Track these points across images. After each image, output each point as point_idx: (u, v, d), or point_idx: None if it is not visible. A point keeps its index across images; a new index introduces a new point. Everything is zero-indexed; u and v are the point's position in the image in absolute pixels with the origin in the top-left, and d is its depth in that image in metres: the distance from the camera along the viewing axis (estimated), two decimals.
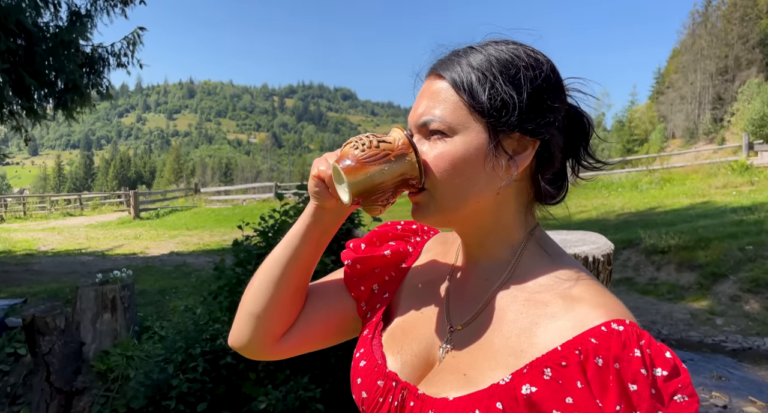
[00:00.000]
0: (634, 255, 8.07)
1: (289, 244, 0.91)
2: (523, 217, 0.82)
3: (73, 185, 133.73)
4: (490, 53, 0.77)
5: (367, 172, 0.75)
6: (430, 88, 0.79)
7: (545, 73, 0.76)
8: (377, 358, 0.84)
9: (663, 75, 66.59)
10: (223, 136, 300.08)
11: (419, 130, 0.80)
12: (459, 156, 0.75)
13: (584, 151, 0.84)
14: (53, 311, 4.38)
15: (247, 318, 0.93)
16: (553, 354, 0.66)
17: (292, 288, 0.92)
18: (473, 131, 0.75)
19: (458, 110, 0.75)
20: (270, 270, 0.92)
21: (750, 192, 11.45)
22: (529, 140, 0.76)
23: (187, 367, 3.88)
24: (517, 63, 0.76)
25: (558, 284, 0.75)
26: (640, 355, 0.63)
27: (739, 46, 50.07)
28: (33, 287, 7.35)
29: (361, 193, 0.76)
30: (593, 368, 0.63)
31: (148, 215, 20.01)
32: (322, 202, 0.85)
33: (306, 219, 0.89)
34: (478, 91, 0.74)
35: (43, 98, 8.60)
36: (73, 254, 11.56)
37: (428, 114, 0.77)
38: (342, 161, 0.77)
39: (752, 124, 32.93)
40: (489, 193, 0.77)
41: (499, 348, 0.72)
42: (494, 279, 0.80)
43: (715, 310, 6.25)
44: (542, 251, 0.81)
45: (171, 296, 6.73)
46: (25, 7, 7.35)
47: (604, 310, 0.68)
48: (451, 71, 0.77)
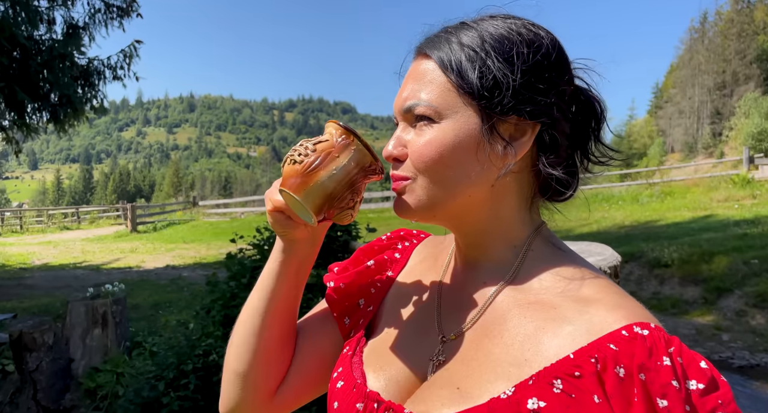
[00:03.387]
0: (637, 269, 7.95)
1: (264, 287, 0.81)
2: (526, 214, 0.71)
3: (72, 199, 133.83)
4: (484, 29, 0.68)
5: (317, 181, 0.66)
6: (416, 69, 0.70)
7: (545, 49, 0.67)
8: (356, 377, 0.73)
9: (661, 90, 66.98)
10: (222, 149, 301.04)
11: (404, 116, 0.70)
12: (448, 143, 0.66)
13: (594, 140, 0.73)
14: (41, 326, 4.27)
15: (234, 379, 0.82)
16: (563, 363, 0.56)
17: (277, 336, 0.81)
18: (463, 115, 0.66)
19: (446, 92, 0.66)
20: (249, 321, 0.82)
21: (752, 206, 11.40)
22: (527, 124, 0.66)
23: (178, 384, 3.77)
24: (513, 38, 0.66)
25: (567, 285, 0.64)
26: (670, 364, 0.53)
27: (736, 62, 50.40)
28: (24, 301, 7.23)
29: (321, 206, 0.68)
30: (613, 379, 0.53)
31: (146, 228, 19.91)
32: (290, 234, 0.76)
33: (278, 257, 0.79)
34: (468, 70, 0.65)
35: (36, 112, 8.55)
36: (68, 268, 11.44)
37: (413, 98, 0.68)
38: (287, 182, 0.68)
39: (751, 138, 32.99)
40: (483, 185, 0.67)
41: (499, 357, 0.62)
42: (494, 282, 0.69)
43: (720, 325, 6.13)
44: (550, 251, 0.70)
45: (164, 311, 6.61)
46: (20, 21, 7.32)
47: (624, 312, 0.58)
48: (439, 50, 0.68)
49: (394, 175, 0.71)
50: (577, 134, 0.72)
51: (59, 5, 8.57)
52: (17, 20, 7.28)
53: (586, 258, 1.69)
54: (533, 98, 0.65)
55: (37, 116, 8.77)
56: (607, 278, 0.67)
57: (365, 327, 0.82)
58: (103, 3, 8.97)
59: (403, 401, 0.68)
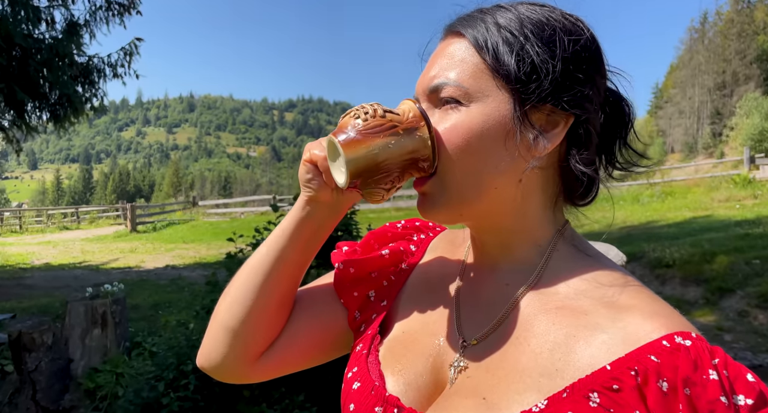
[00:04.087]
0: (638, 269, 7.93)
1: (274, 244, 0.75)
2: (551, 212, 0.68)
3: (71, 199, 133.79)
4: (522, 12, 0.64)
5: (370, 146, 0.62)
6: (446, 48, 0.66)
7: (584, 40, 0.63)
8: (374, 378, 0.68)
9: (661, 90, 66.99)
10: (222, 149, 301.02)
11: (429, 97, 0.66)
12: (476, 129, 0.62)
13: (622, 144, 0.70)
14: (41, 326, 4.24)
15: (222, 333, 0.77)
16: (600, 375, 0.53)
17: (277, 298, 0.76)
18: (495, 100, 0.62)
19: (478, 73, 0.62)
20: (251, 276, 0.76)
21: (753, 206, 11.38)
22: (561, 115, 0.63)
23: (178, 385, 3.75)
24: (553, 24, 0.63)
25: (598, 290, 0.61)
26: (717, 378, 0.49)
27: (736, 62, 50.39)
28: (23, 301, 7.21)
29: (360, 172, 0.62)
30: (656, 393, 0.50)
31: (145, 228, 19.90)
32: (315, 193, 0.70)
33: (296, 214, 0.74)
34: (505, 52, 0.61)
35: (36, 111, 8.53)
36: (67, 268, 11.42)
37: (441, 77, 0.64)
38: (339, 133, 0.63)
39: (752, 138, 32.98)
40: (510, 178, 0.63)
41: (527, 366, 0.58)
42: (517, 284, 0.66)
43: (723, 326, 6.11)
44: (576, 252, 0.66)
45: (164, 311, 6.59)
46: (20, 19, 7.29)
47: (663, 320, 0.55)
48: (473, 29, 0.64)
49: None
50: (603, 136, 0.69)
51: (59, 4, 8.55)
52: (16, 19, 7.26)
53: None
54: (571, 88, 0.62)
55: (37, 115, 8.77)
56: (639, 281, 0.63)
57: (379, 323, 0.77)
58: (104, 0, 8.95)
59: (423, 409, 0.64)
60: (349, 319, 0.80)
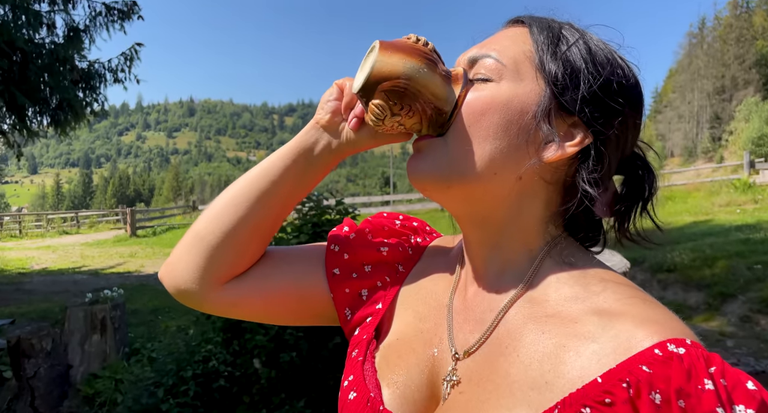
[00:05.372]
0: (639, 274, 7.91)
1: (268, 165, 0.74)
2: (547, 225, 0.65)
3: (71, 204, 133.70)
4: (588, 35, 0.65)
5: (404, 59, 0.61)
6: (502, 32, 0.67)
7: (633, 81, 0.64)
8: (370, 389, 0.67)
9: (660, 94, 67.10)
10: (222, 154, 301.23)
11: (467, 66, 0.66)
12: (497, 103, 0.61)
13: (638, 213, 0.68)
14: (40, 332, 4.23)
15: (193, 242, 0.75)
16: (591, 388, 0.50)
17: (256, 223, 0.75)
18: (527, 86, 0.62)
19: (522, 57, 0.63)
20: (237, 193, 0.75)
21: (754, 210, 11.37)
22: (581, 130, 0.61)
23: (177, 391, 3.73)
24: (611, 55, 0.64)
25: (589, 296, 0.58)
26: (713, 388, 0.47)
27: (735, 67, 50.45)
28: (22, 307, 7.18)
29: (379, 80, 0.61)
30: (649, 406, 0.47)
31: (145, 232, 19.88)
32: (328, 116, 0.71)
33: (298, 138, 0.74)
34: (556, 51, 0.62)
35: (36, 115, 8.54)
36: (67, 272, 11.39)
37: (484, 49, 0.65)
38: (388, 42, 0.64)
39: (751, 143, 32.98)
40: (511, 170, 0.61)
41: (517, 378, 0.56)
42: (507, 291, 0.64)
43: (725, 331, 6.08)
44: (569, 259, 0.64)
45: (164, 316, 6.56)
46: (20, 24, 7.30)
47: (656, 327, 0.52)
48: (538, 23, 0.65)
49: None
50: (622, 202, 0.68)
51: (60, 9, 8.57)
52: (17, 24, 7.27)
53: None
54: (604, 108, 0.61)
55: (38, 119, 8.77)
56: (633, 284, 0.61)
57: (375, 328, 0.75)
58: (103, 6, 8.97)
59: None
60: (340, 317, 0.79)
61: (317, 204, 4.03)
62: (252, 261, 0.78)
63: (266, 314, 0.81)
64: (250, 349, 3.72)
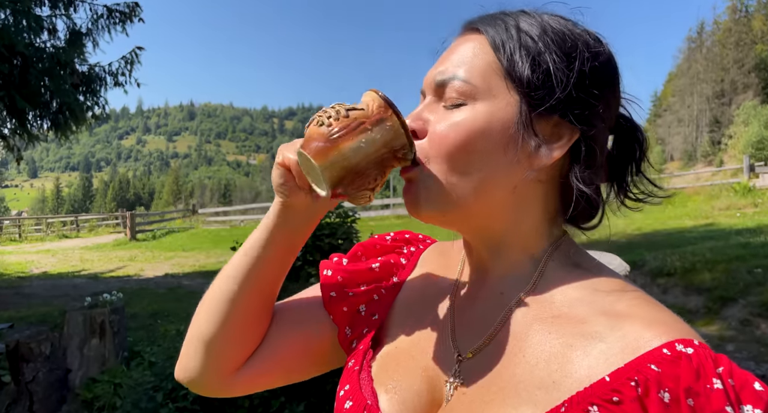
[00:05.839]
0: (639, 278, 7.90)
1: (249, 252, 0.72)
2: (547, 226, 0.65)
3: (71, 207, 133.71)
4: (545, 20, 0.62)
5: (341, 150, 0.59)
6: (461, 44, 0.64)
7: (603, 57, 0.62)
8: (366, 397, 0.66)
9: (660, 98, 67.13)
10: (222, 157, 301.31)
11: (434, 90, 0.64)
12: (478, 128, 0.59)
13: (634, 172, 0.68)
14: (39, 336, 4.21)
15: (198, 345, 0.74)
16: (599, 387, 0.50)
17: (253, 308, 0.74)
18: (502, 101, 0.60)
19: (490, 72, 0.60)
20: (225, 285, 0.73)
21: (754, 214, 11.37)
22: (567, 128, 0.61)
23: (177, 395, 3.71)
24: (575, 37, 0.61)
25: (596, 298, 0.58)
26: (721, 387, 0.47)
27: (734, 71, 50.50)
28: (21, 311, 7.18)
29: (339, 179, 0.60)
30: (657, 405, 0.47)
31: (145, 236, 19.86)
32: (289, 198, 0.68)
33: (270, 221, 0.71)
34: (522, 55, 0.59)
35: (37, 119, 8.54)
36: (66, 276, 11.38)
37: (450, 72, 0.62)
38: (308, 144, 0.60)
39: (751, 146, 32.99)
40: (505, 184, 0.61)
41: (523, 378, 0.56)
42: (511, 293, 0.63)
43: (725, 335, 6.07)
44: (573, 262, 0.64)
45: (163, 320, 6.55)
46: (21, 28, 7.31)
47: (663, 328, 0.52)
48: (493, 28, 0.62)
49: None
50: (615, 162, 0.68)
51: (61, 13, 8.58)
52: (18, 28, 7.28)
53: None
54: (583, 102, 0.60)
55: (38, 123, 8.77)
56: (639, 288, 0.61)
57: (371, 338, 0.74)
58: (105, 8, 8.98)
59: None
60: (339, 336, 0.77)
61: None
62: (258, 339, 0.77)
63: (286, 378, 0.81)
64: None
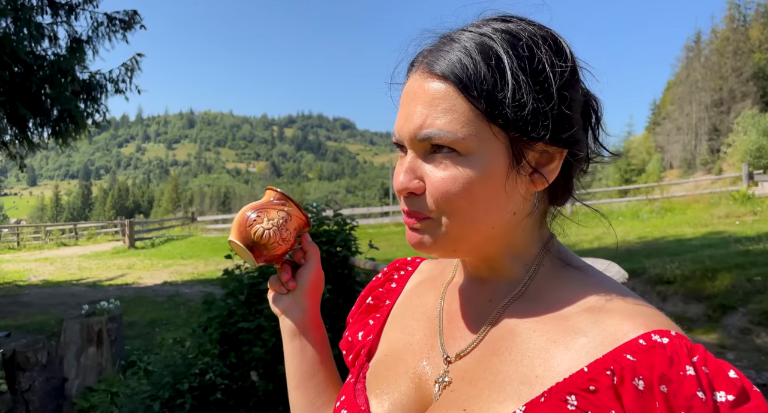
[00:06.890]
0: (639, 285, 7.88)
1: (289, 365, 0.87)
2: (537, 232, 0.67)
3: (70, 215, 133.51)
4: (504, 40, 0.59)
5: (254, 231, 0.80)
6: (427, 90, 0.60)
7: (570, 63, 0.61)
8: (359, 404, 0.69)
9: (659, 106, 67.35)
10: (222, 165, 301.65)
11: (418, 145, 0.61)
12: (476, 179, 0.58)
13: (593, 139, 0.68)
14: (35, 345, 4.18)
15: None
16: (577, 378, 0.52)
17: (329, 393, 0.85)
18: (493, 147, 0.59)
19: (471, 120, 0.58)
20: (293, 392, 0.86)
21: (754, 222, 11.35)
22: (555, 150, 0.61)
23: (174, 404, 3.69)
24: (541, 54, 0.59)
25: (581, 297, 0.60)
26: (694, 374, 0.48)
27: (733, 79, 50.71)
28: (19, 319, 7.14)
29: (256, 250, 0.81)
30: (632, 392, 0.49)
31: (143, 244, 19.82)
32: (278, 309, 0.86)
33: (282, 332, 0.87)
34: (498, 94, 0.57)
35: (37, 127, 8.55)
36: (64, 284, 11.33)
37: (430, 127, 0.59)
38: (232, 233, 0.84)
39: (750, 154, 33.06)
40: (505, 215, 0.62)
41: (508, 375, 0.58)
42: (500, 298, 0.65)
43: (725, 344, 6.05)
44: (562, 264, 0.66)
45: (161, 329, 6.52)
46: (23, 37, 7.34)
47: (641, 320, 0.54)
48: (455, 68, 0.58)
49: (410, 212, 0.63)
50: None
51: (62, 20, 8.61)
52: (20, 36, 7.31)
53: None
54: (567, 124, 0.60)
55: (39, 131, 8.78)
56: (623, 286, 0.63)
57: (366, 354, 0.79)
58: (105, 16, 9.01)
59: None
60: (347, 363, 0.85)
61: (316, 215, 4.02)
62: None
63: None
64: (247, 361, 3.68)
